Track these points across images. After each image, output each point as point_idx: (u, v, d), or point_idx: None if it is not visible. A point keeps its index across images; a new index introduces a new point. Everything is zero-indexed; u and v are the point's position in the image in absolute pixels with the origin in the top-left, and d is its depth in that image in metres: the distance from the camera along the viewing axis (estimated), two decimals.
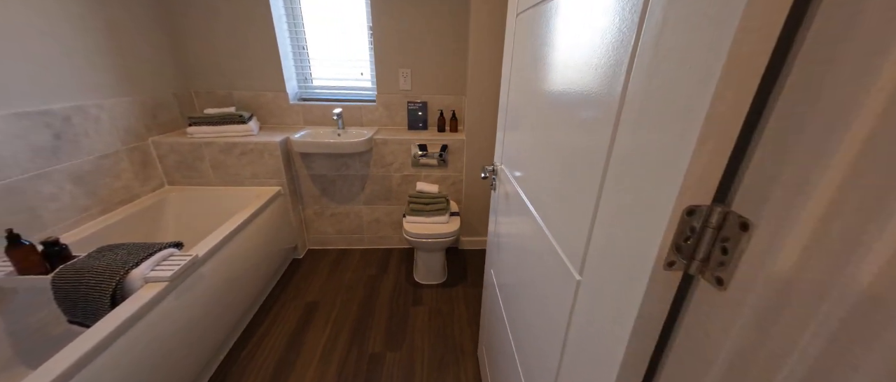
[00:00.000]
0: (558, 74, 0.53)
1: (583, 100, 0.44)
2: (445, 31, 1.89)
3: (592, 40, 0.41)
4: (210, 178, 1.76)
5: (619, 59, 0.35)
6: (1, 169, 1.07)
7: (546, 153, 0.59)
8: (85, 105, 1.34)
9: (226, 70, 1.89)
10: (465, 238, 2.15)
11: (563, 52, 0.52)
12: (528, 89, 0.69)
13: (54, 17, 1.23)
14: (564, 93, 0.51)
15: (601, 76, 0.39)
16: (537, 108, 0.63)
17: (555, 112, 0.55)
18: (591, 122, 0.42)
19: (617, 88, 0.36)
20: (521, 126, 0.75)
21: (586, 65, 0.43)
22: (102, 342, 0.83)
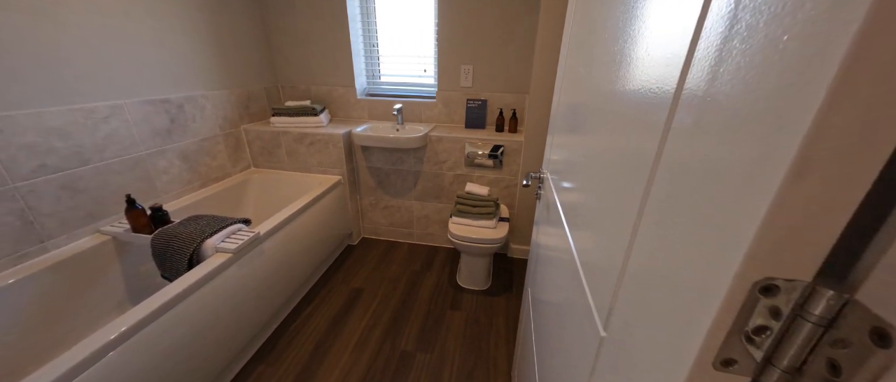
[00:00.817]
0: (602, 67, 0.42)
1: (625, 97, 0.33)
2: (513, 26, 1.78)
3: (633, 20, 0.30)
4: (285, 163, 1.96)
5: (675, 45, 0.24)
6: (131, 145, 1.34)
7: (585, 162, 0.48)
8: (195, 95, 1.60)
9: (307, 66, 2.09)
10: (516, 245, 2.02)
11: (605, 39, 0.40)
12: (574, 88, 0.58)
13: (180, 25, 1.49)
14: (609, 90, 0.39)
15: (649, 69, 0.28)
16: (578, 110, 0.52)
17: (594, 113, 0.43)
18: (634, 125, 0.31)
19: (669, 81, 0.24)
20: (565, 130, 0.64)
21: (627, 55, 0.32)
22: (174, 298, 0.97)
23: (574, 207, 0.53)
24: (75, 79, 1.14)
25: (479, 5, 1.77)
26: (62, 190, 1.14)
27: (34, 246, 1.08)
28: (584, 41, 0.56)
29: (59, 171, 1.12)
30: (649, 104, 0.28)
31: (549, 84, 1.59)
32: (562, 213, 0.60)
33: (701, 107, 0.21)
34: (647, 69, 0.29)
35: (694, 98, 0.22)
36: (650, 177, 0.27)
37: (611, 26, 0.42)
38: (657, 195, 0.26)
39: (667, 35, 0.26)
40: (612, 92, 0.39)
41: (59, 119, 1.11)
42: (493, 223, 1.59)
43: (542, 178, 0.87)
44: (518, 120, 1.91)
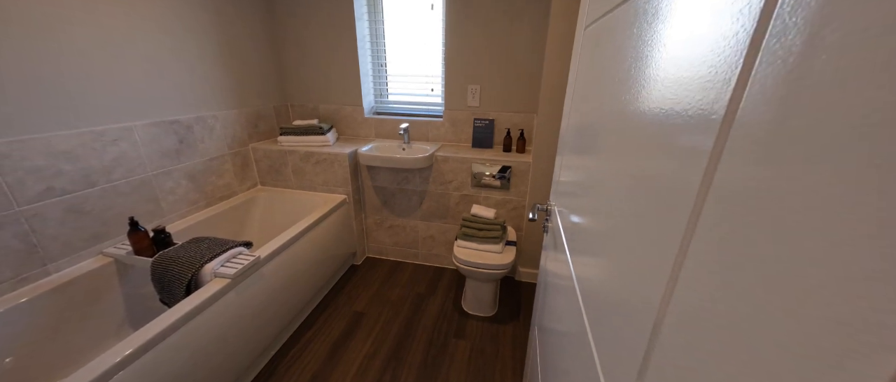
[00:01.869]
0: (619, 87, 0.38)
1: (649, 117, 0.29)
2: (520, 47, 1.76)
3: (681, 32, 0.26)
4: (291, 182, 1.96)
5: (726, 54, 0.21)
6: (139, 166, 1.35)
7: (600, 188, 0.44)
8: (204, 116, 1.63)
9: (316, 86, 2.11)
10: (524, 269, 1.95)
11: (622, 56, 0.36)
12: (586, 108, 0.54)
13: (194, 46, 1.52)
14: (628, 111, 0.35)
15: (686, 86, 0.25)
16: (590, 131, 0.48)
17: (609, 135, 0.39)
18: (665, 149, 0.27)
19: (721, 100, 0.21)
20: (576, 152, 0.60)
21: (652, 73, 0.28)
22: (169, 327, 0.95)
23: (587, 238, 0.48)
24: (85, 102, 1.16)
25: (487, 26, 1.76)
26: (68, 212, 1.14)
27: (36, 269, 1.08)
28: (596, 60, 0.53)
29: (66, 194, 1.13)
30: (687, 126, 0.24)
31: (557, 104, 1.55)
32: (566, 245, 0.55)
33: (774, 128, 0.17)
34: (682, 86, 0.25)
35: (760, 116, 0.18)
36: (696, 208, 0.22)
37: (629, 43, 0.38)
38: (709, 229, 0.21)
39: (711, 46, 0.22)
40: (633, 112, 0.35)
41: (69, 142, 1.13)
42: (499, 247, 1.54)
43: (550, 210, 0.82)
44: (526, 140, 1.87)
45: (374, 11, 1.97)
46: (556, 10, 1.41)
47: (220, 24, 1.65)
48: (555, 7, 1.42)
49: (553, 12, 1.43)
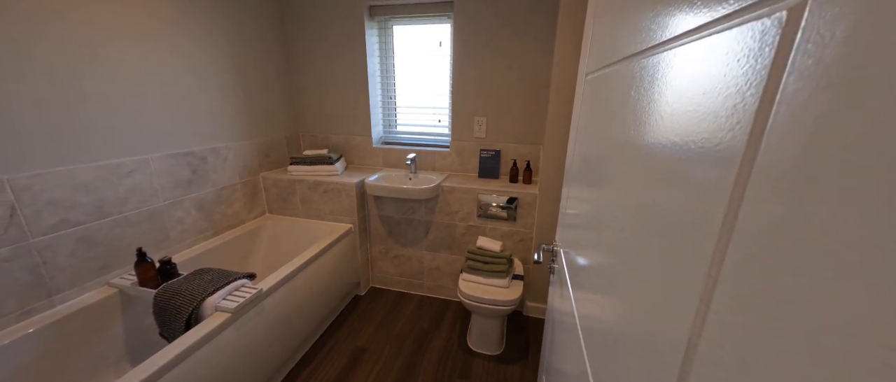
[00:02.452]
0: (625, 118, 0.37)
1: (660, 150, 0.28)
2: (525, 80, 1.81)
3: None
4: (299, 210, 1.98)
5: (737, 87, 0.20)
6: (152, 196, 1.39)
7: (608, 222, 0.42)
8: (218, 147, 1.68)
9: (326, 117, 2.18)
10: (532, 303, 1.89)
11: (628, 89, 0.36)
12: (591, 139, 0.53)
13: (214, 79, 1.60)
14: (636, 143, 0.34)
15: (698, 117, 0.24)
16: (596, 162, 0.47)
17: (616, 167, 0.38)
18: (678, 183, 0.26)
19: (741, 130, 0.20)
20: (582, 183, 0.58)
21: (661, 105, 0.27)
22: (167, 364, 0.92)
23: (594, 278, 0.46)
24: (105, 135, 1.21)
25: (493, 61, 1.82)
26: (79, 243, 1.16)
27: (42, 300, 1.09)
28: (601, 91, 0.53)
29: (79, 225, 1.16)
30: (703, 159, 0.23)
31: (563, 136, 1.56)
32: (571, 290, 0.53)
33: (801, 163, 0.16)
34: (694, 118, 0.24)
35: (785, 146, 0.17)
36: (718, 246, 0.21)
37: (636, 73, 0.37)
38: (736, 269, 0.19)
39: (724, 78, 0.21)
40: (643, 145, 0.34)
41: (87, 175, 1.17)
42: (505, 281, 1.50)
43: (555, 251, 0.80)
44: (532, 171, 1.87)
45: (385, 48, 2.06)
46: (560, 47, 1.45)
47: (239, 58, 1.75)
48: (559, 44, 1.46)
49: (557, 49, 1.47)
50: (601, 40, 0.54)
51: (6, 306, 1.01)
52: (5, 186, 0.98)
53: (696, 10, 0.26)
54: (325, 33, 2.00)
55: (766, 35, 0.18)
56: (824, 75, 0.14)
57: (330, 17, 1.96)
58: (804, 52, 0.15)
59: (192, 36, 1.49)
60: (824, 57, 0.14)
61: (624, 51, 0.42)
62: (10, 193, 0.99)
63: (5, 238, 0.99)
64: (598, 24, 0.59)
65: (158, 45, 1.36)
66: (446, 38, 1.93)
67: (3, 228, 0.98)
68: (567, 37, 1.43)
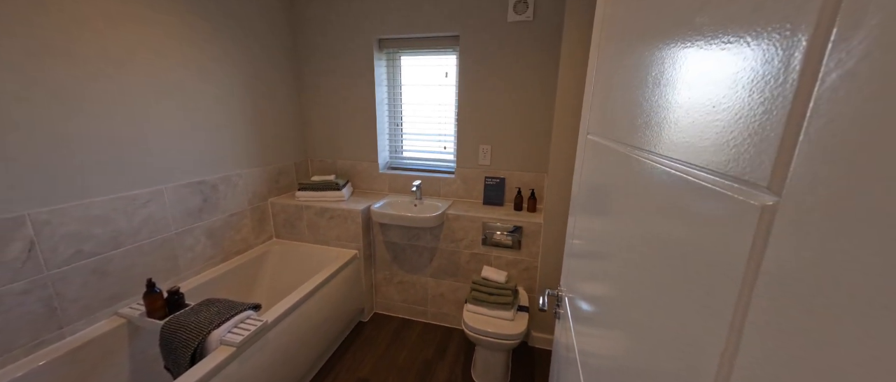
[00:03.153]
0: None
1: (670, 181, 0.28)
2: (529, 110, 1.84)
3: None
4: (305, 236, 2.00)
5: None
6: (164, 226, 1.42)
7: (616, 258, 0.42)
8: (230, 175, 1.72)
9: (335, 142, 2.23)
10: (538, 333, 1.85)
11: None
12: (598, 168, 0.54)
13: (223, 112, 1.66)
14: (643, 172, 0.35)
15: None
16: (603, 193, 0.47)
17: (625, 198, 0.39)
18: (692, 217, 0.25)
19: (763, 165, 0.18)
20: (589, 213, 0.59)
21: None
22: None
23: (603, 318, 0.45)
24: (122, 169, 1.26)
25: (497, 92, 1.86)
26: (91, 274, 1.19)
27: (53, 332, 1.10)
28: (601, 156, 0.54)
29: (93, 256, 1.19)
30: (722, 192, 0.22)
31: (567, 165, 1.57)
32: (573, 331, 0.52)
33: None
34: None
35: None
36: (743, 287, 0.19)
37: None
38: (764, 313, 0.17)
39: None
40: (649, 173, 0.33)
41: (104, 208, 1.21)
42: (510, 314, 1.48)
43: (560, 297, 0.80)
44: (537, 199, 1.87)
45: (392, 78, 2.13)
46: (563, 82, 1.49)
47: (253, 88, 1.81)
48: (561, 79, 1.49)
49: (560, 84, 1.50)
50: (601, 107, 0.56)
51: (19, 339, 1.03)
52: (27, 221, 1.02)
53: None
54: (336, 64, 2.07)
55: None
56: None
57: (341, 48, 2.04)
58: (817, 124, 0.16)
59: (207, 68, 1.56)
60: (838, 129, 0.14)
61: (622, 137, 0.43)
62: (30, 228, 1.02)
63: (22, 272, 1.02)
64: (599, 86, 0.61)
65: (175, 78, 1.43)
66: (452, 69, 1.99)
67: (21, 263, 1.01)
68: (570, 69, 1.47)
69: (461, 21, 1.82)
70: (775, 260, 0.17)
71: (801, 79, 0.16)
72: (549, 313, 1.78)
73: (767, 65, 0.18)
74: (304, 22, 2.06)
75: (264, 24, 1.85)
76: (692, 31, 0.27)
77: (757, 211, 0.18)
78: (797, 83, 0.16)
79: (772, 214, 0.17)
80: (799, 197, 0.16)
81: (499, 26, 1.78)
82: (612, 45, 0.55)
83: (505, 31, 1.77)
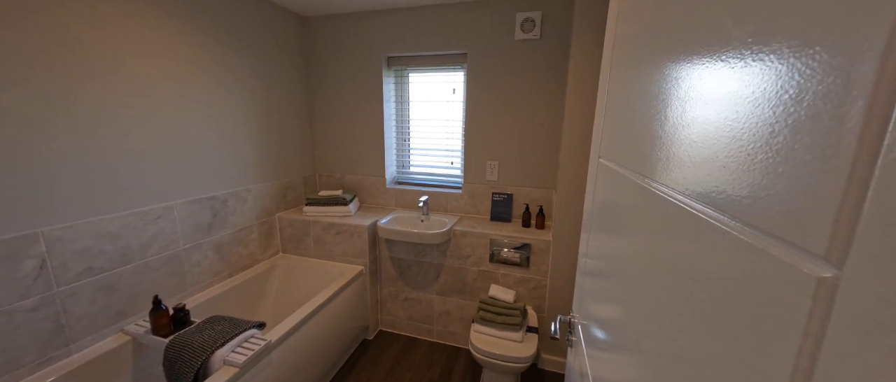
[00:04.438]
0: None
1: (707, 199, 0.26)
2: (537, 126, 1.83)
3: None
4: (311, 251, 1.99)
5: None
6: (173, 241, 1.43)
7: (637, 295, 0.39)
8: (239, 190, 1.74)
9: (342, 158, 2.25)
10: (548, 356, 1.79)
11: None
12: (613, 186, 0.52)
13: (235, 129, 1.69)
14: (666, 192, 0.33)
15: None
16: (620, 212, 0.45)
17: (650, 220, 0.36)
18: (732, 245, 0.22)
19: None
20: (603, 231, 0.56)
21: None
22: None
23: (621, 353, 0.42)
24: (134, 185, 1.28)
25: (505, 107, 1.86)
26: (99, 290, 1.19)
27: (59, 349, 1.10)
28: (613, 182, 0.52)
29: (102, 273, 1.20)
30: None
31: (576, 181, 1.54)
32: (588, 364, 0.49)
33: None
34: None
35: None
36: (804, 342, 0.16)
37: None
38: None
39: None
40: (672, 213, 0.31)
41: (115, 224, 1.22)
42: (519, 335, 1.44)
43: (573, 324, 0.77)
44: (545, 215, 1.84)
45: (400, 94, 2.15)
46: (571, 99, 1.48)
47: (263, 105, 1.85)
48: (570, 97, 1.49)
49: (568, 101, 1.50)
50: (613, 131, 0.55)
51: (27, 356, 1.03)
52: (39, 239, 1.03)
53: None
54: (345, 80, 2.11)
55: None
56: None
57: (350, 65, 2.08)
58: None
59: (220, 86, 1.60)
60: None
61: (638, 167, 0.42)
62: (42, 245, 1.04)
63: (33, 288, 1.02)
64: (611, 109, 0.59)
65: (186, 95, 1.46)
66: (460, 86, 2.01)
67: (33, 279, 1.02)
68: (578, 87, 1.46)
69: (469, 39, 1.84)
70: (833, 341, 0.15)
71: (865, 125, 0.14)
72: (562, 339, 1.73)
73: (822, 101, 0.16)
74: (314, 40, 2.11)
75: (276, 44, 1.90)
76: (722, 53, 0.25)
77: (812, 282, 0.16)
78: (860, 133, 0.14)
79: (831, 290, 0.15)
80: (863, 273, 0.14)
81: (506, 44, 1.79)
82: (624, 66, 0.54)
83: (512, 49, 1.79)
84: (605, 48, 0.70)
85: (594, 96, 1.42)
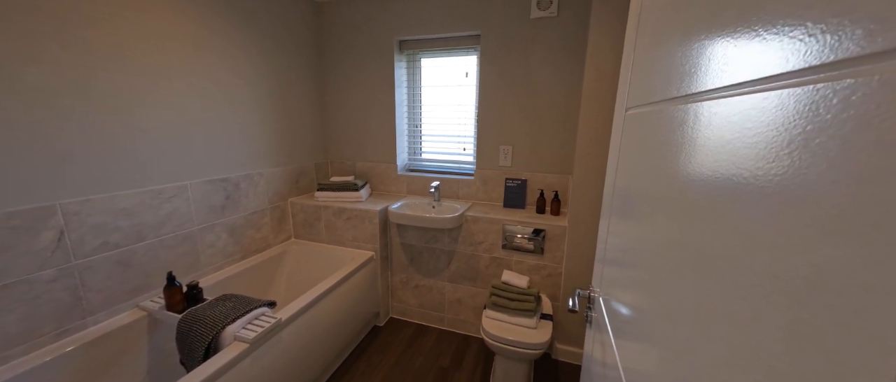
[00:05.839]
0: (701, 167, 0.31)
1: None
2: (553, 107, 1.77)
3: None
4: (322, 236, 1.99)
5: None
6: (186, 221, 1.44)
7: (660, 300, 0.34)
8: (252, 173, 1.75)
9: (354, 145, 2.23)
10: (562, 345, 1.73)
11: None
12: (638, 196, 0.47)
13: (248, 112, 1.69)
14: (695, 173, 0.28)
15: None
16: (645, 198, 0.40)
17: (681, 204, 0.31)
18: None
19: None
20: (626, 217, 0.51)
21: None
22: None
23: (651, 327, 0.38)
24: (149, 163, 1.29)
25: (519, 90, 1.80)
26: (116, 265, 1.21)
27: (76, 321, 1.12)
28: (647, 126, 0.47)
29: (118, 248, 1.21)
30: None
31: (595, 165, 1.48)
32: (612, 336, 0.45)
33: None
34: None
35: None
36: None
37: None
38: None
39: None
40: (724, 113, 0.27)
41: (131, 201, 1.24)
42: (533, 321, 1.39)
43: (593, 298, 0.72)
44: (561, 201, 1.78)
45: (412, 79, 2.12)
46: (590, 74, 1.41)
47: (275, 90, 1.85)
48: (588, 72, 1.42)
49: (587, 77, 1.43)
50: (646, 73, 0.50)
51: (45, 326, 1.05)
52: (57, 211, 1.05)
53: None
54: (357, 65, 2.09)
55: None
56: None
57: (362, 50, 2.06)
58: None
59: (233, 70, 1.60)
60: None
61: (677, 88, 0.37)
62: (60, 218, 1.06)
63: (51, 260, 1.04)
64: (640, 55, 0.54)
65: (202, 78, 1.47)
66: (472, 69, 1.96)
67: (51, 251, 1.04)
68: (597, 65, 1.39)
69: (482, 19, 1.79)
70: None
71: None
72: (578, 323, 1.67)
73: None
74: (327, 26, 2.10)
75: (289, 30, 1.89)
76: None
77: None
78: None
79: None
80: None
81: (521, 23, 1.73)
82: (655, 16, 0.49)
83: (527, 28, 1.72)
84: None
85: (615, 70, 1.34)
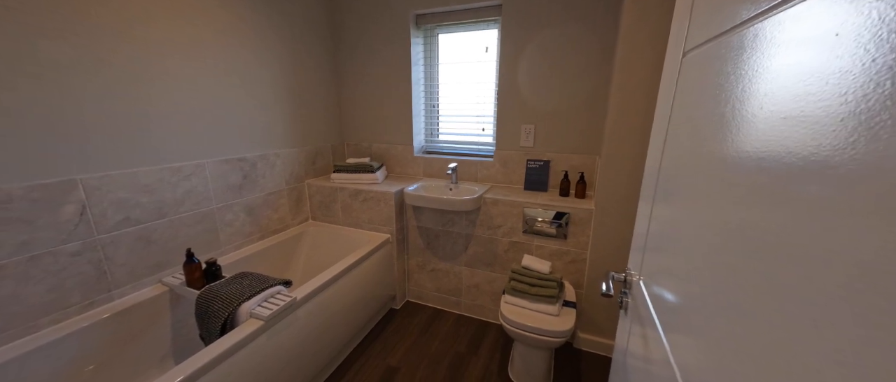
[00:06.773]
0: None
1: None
2: (580, 82, 1.64)
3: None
4: (339, 218, 1.98)
5: None
6: (204, 199, 1.45)
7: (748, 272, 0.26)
8: (268, 154, 1.74)
9: (370, 126, 2.18)
10: (585, 335, 1.65)
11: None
12: (705, 163, 0.38)
13: (264, 93, 1.67)
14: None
15: None
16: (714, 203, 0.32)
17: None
18: None
19: None
20: (688, 227, 0.43)
21: None
22: (204, 367, 0.91)
23: (713, 319, 0.30)
24: (166, 141, 1.29)
25: (543, 64, 1.68)
26: (137, 241, 1.23)
27: (102, 294, 1.15)
28: (721, 66, 0.38)
29: (139, 224, 1.23)
30: None
31: (628, 142, 1.35)
32: (660, 327, 0.37)
33: None
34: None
35: None
36: None
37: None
38: None
39: None
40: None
41: (150, 177, 1.25)
42: (555, 308, 1.31)
43: (630, 282, 0.63)
44: (586, 183, 1.67)
45: (429, 56, 2.03)
46: (624, 43, 1.28)
47: (291, 69, 1.81)
48: (622, 40, 1.28)
49: (620, 46, 1.29)
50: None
51: (72, 297, 1.08)
52: (79, 185, 1.06)
53: None
54: (372, 43, 2.02)
55: None
56: None
57: (377, 26, 1.98)
58: None
59: (248, 49, 1.57)
60: None
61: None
62: (82, 192, 1.07)
63: (75, 233, 1.06)
64: None
65: (217, 57, 1.44)
66: (493, 44, 1.84)
67: (74, 225, 1.06)
68: (634, 31, 1.25)
69: None
70: None
71: None
72: (605, 312, 1.57)
73: None
74: (341, 3, 2.02)
75: (304, 9, 1.83)
76: None
77: None
78: None
79: None
80: None
81: None
82: None
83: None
84: None
85: (660, 27, 1.20)
